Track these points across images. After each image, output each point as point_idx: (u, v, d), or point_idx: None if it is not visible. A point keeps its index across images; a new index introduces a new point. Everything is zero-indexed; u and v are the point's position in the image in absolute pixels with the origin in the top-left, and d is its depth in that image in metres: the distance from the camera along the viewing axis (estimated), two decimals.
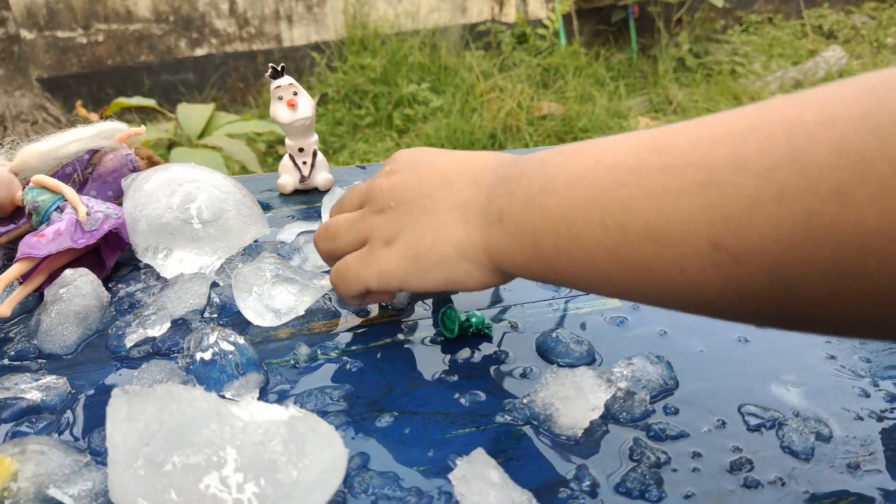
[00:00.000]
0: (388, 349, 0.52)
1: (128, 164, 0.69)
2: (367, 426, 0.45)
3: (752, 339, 0.52)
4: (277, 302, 0.52)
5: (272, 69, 0.72)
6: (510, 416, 0.45)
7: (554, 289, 0.59)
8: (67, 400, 0.47)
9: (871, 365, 0.50)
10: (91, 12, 3.35)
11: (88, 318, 0.52)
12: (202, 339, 0.47)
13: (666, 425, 0.44)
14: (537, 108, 3.47)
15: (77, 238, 0.57)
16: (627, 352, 0.51)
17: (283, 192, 0.76)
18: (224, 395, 0.46)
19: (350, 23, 3.86)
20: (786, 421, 0.44)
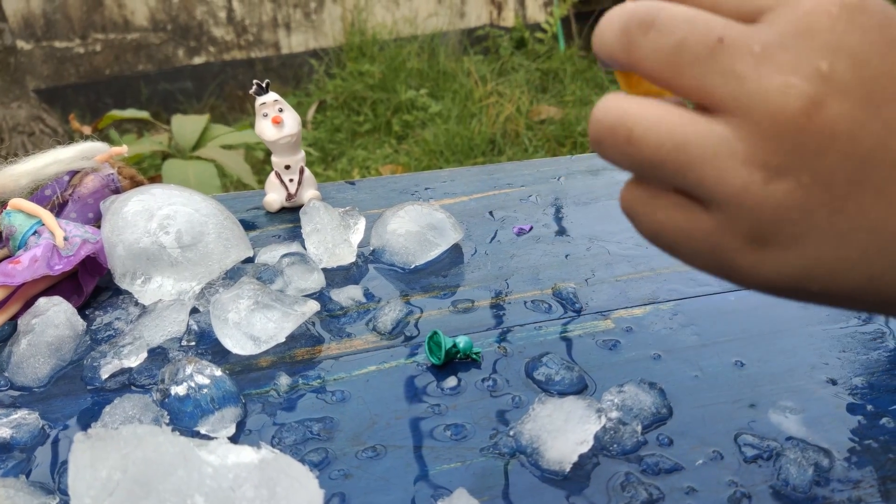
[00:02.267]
0: (373, 377, 0.50)
1: (109, 184, 0.68)
2: (347, 461, 0.43)
3: (748, 362, 0.50)
4: (257, 330, 0.50)
5: (256, 85, 0.71)
6: (497, 449, 0.43)
7: (544, 310, 0.57)
8: (39, 436, 0.46)
9: (873, 389, 0.48)
10: (88, 22, 3.35)
11: (62, 349, 0.51)
12: (177, 371, 0.46)
13: (659, 458, 0.43)
14: (536, 112, 3.45)
15: (54, 264, 0.56)
16: (620, 377, 0.49)
17: (269, 210, 0.75)
18: (199, 431, 0.44)
19: (348, 29, 3.85)
20: (783, 451, 0.43)
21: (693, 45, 0.24)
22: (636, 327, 0.55)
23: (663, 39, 0.25)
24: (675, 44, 0.24)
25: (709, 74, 0.24)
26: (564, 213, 0.74)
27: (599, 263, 0.64)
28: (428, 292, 0.60)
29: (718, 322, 0.55)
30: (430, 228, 0.64)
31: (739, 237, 0.24)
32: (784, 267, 0.25)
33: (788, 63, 0.23)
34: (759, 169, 0.23)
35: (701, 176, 0.24)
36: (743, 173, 0.23)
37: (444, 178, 0.83)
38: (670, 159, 0.24)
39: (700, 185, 0.24)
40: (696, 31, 0.24)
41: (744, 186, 0.23)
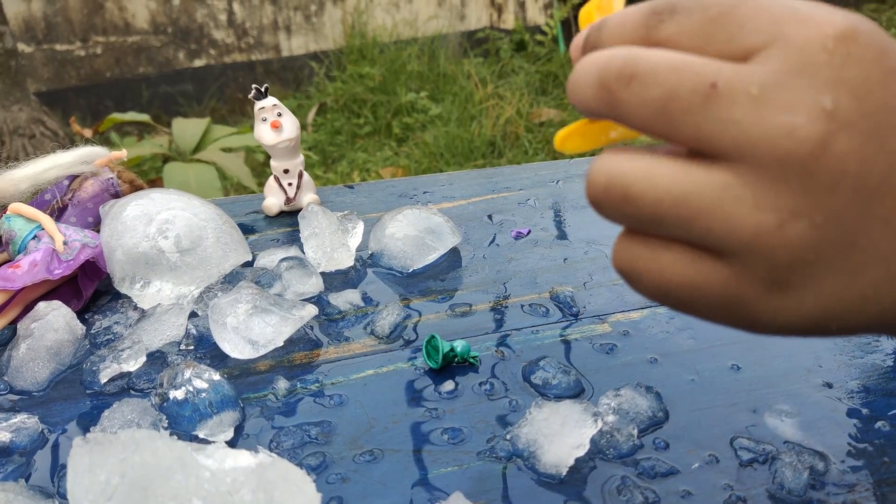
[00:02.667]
0: (370, 381, 0.50)
1: (109, 188, 0.68)
2: (345, 465, 0.43)
3: (744, 366, 0.51)
4: (255, 334, 0.50)
5: (255, 90, 0.71)
6: (493, 453, 0.44)
7: (542, 314, 0.58)
8: (38, 440, 0.46)
9: (868, 392, 0.48)
10: (89, 25, 3.35)
11: (61, 353, 0.51)
12: (176, 375, 0.46)
13: (655, 461, 0.43)
14: (536, 114, 3.45)
15: (53, 269, 0.56)
16: (616, 381, 0.49)
17: (268, 214, 0.75)
18: (197, 435, 0.44)
19: (348, 32, 3.85)
20: (779, 455, 0.43)
21: (684, 95, 0.23)
22: (633, 331, 0.55)
23: (649, 91, 0.23)
24: (664, 95, 0.23)
25: (705, 123, 0.23)
26: (562, 217, 0.74)
27: (597, 267, 0.64)
28: (426, 296, 0.61)
29: (715, 326, 0.55)
30: (429, 232, 0.64)
31: (757, 284, 0.24)
32: (804, 309, 0.24)
33: (790, 103, 0.22)
34: (771, 213, 0.22)
35: (708, 226, 0.23)
36: (754, 218, 0.23)
37: (443, 182, 0.84)
38: (672, 214, 0.23)
39: (708, 236, 0.23)
40: (685, 78, 0.23)
41: (756, 232, 0.23)
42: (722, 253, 0.23)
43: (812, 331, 0.25)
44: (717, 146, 0.23)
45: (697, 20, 0.24)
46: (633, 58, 0.24)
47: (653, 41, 0.25)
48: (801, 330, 0.25)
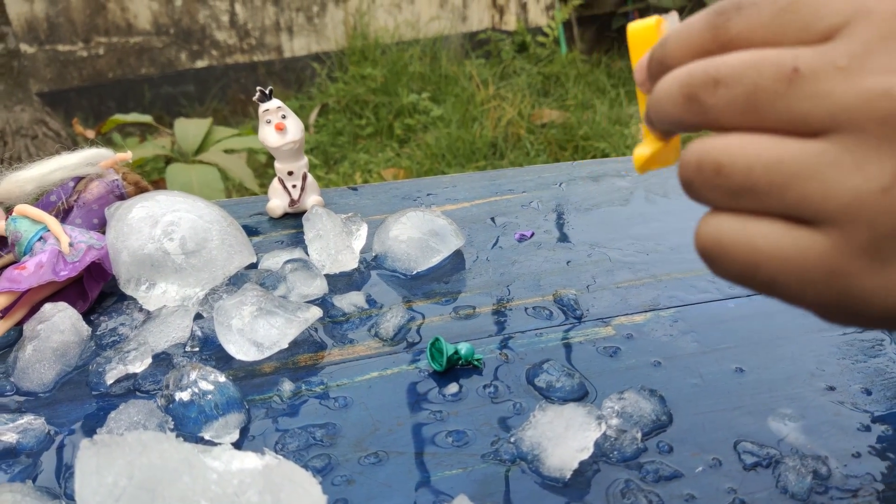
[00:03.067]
0: (375, 383, 0.51)
1: (114, 190, 0.68)
2: (350, 468, 0.43)
3: (747, 370, 0.51)
4: (260, 336, 0.51)
5: (260, 92, 0.71)
6: (498, 456, 0.44)
7: (545, 317, 0.58)
8: (45, 441, 0.46)
9: (872, 396, 0.49)
10: (91, 26, 3.36)
11: (67, 355, 0.51)
12: (181, 377, 0.46)
13: (659, 465, 0.43)
14: (538, 116, 3.46)
15: (59, 270, 0.56)
16: (620, 384, 0.50)
17: (272, 215, 0.75)
18: (203, 437, 0.44)
19: (350, 33, 3.86)
20: (782, 459, 0.43)
21: (768, 85, 0.23)
22: (637, 334, 0.55)
23: (734, 90, 0.24)
24: (748, 90, 0.24)
25: (795, 103, 0.23)
26: (566, 220, 0.74)
27: (600, 270, 0.65)
28: (430, 298, 0.61)
29: (718, 329, 0.55)
30: (432, 235, 0.65)
31: (859, 255, 0.22)
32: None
33: (883, 65, 0.22)
34: (874, 175, 0.21)
35: (803, 192, 0.22)
36: (854, 181, 0.21)
37: (447, 184, 0.84)
38: (764, 181, 0.23)
39: (803, 203, 0.22)
40: (765, 70, 0.23)
41: (856, 195, 0.21)
42: (818, 222, 0.22)
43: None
44: (811, 123, 0.22)
45: (767, 13, 0.24)
46: (713, 65, 0.25)
47: (722, 42, 0.25)
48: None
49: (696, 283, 0.62)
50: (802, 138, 0.23)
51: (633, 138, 3.26)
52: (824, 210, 0.22)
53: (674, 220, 0.72)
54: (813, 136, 0.23)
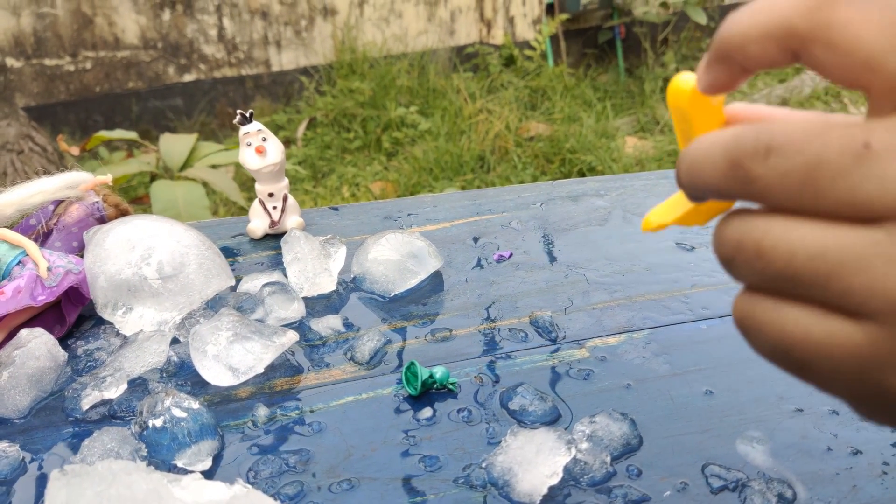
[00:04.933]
0: (350, 408, 0.51)
1: (94, 212, 0.68)
2: (322, 495, 0.44)
3: (717, 392, 0.52)
4: (236, 361, 0.51)
5: (240, 115, 0.72)
6: (469, 481, 0.44)
7: (521, 339, 0.58)
8: (19, 469, 0.46)
9: (839, 418, 0.49)
10: (79, 40, 3.36)
11: (43, 381, 0.51)
12: (155, 404, 0.46)
13: (628, 489, 0.44)
14: (525, 129, 3.48)
15: (37, 295, 0.56)
16: (593, 407, 0.50)
17: (253, 237, 0.76)
18: (176, 464, 0.45)
19: (338, 47, 3.87)
20: (749, 482, 0.44)
21: (833, 158, 0.21)
22: (610, 356, 0.56)
23: (791, 161, 0.21)
24: (809, 162, 0.21)
25: (861, 184, 0.20)
26: (544, 240, 0.75)
27: (577, 291, 0.65)
28: (408, 321, 0.61)
29: (691, 351, 0.56)
30: (410, 257, 0.65)
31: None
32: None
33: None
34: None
35: (848, 286, 0.21)
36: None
37: (428, 204, 0.85)
38: (807, 271, 0.21)
39: (846, 296, 0.21)
40: (831, 142, 0.21)
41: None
42: (859, 315, 0.21)
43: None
44: (875, 207, 0.20)
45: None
46: (767, 132, 0.22)
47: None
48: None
49: (670, 304, 0.62)
50: (854, 225, 0.21)
51: (618, 151, 3.29)
52: (867, 305, 0.21)
53: (650, 240, 0.73)
54: (869, 222, 0.21)
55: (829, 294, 0.21)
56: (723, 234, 0.24)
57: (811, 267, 0.21)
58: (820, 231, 0.21)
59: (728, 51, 0.24)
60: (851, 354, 0.21)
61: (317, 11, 3.82)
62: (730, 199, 0.24)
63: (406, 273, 0.65)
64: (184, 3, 3.51)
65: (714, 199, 0.25)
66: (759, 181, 0.22)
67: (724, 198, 0.24)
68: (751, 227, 0.23)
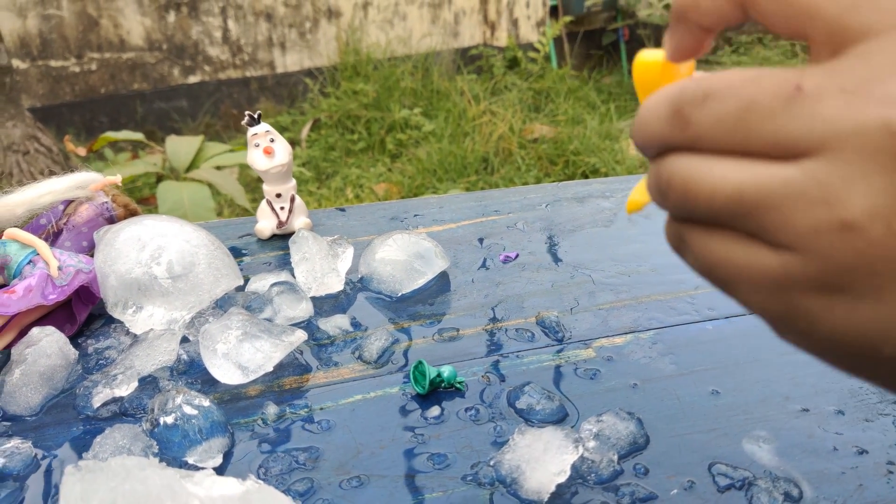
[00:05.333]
0: (358, 406, 0.51)
1: (103, 212, 0.69)
2: (332, 491, 0.44)
3: (723, 392, 0.52)
4: (245, 360, 0.51)
5: (249, 117, 0.73)
6: (477, 479, 0.45)
7: (528, 339, 0.59)
8: (32, 465, 0.47)
9: (845, 418, 0.50)
10: (84, 41, 3.37)
11: (54, 378, 0.52)
12: (167, 401, 0.47)
13: (635, 487, 0.44)
14: (529, 131, 3.48)
15: (48, 294, 0.57)
16: (600, 406, 0.51)
17: (260, 237, 0.76)
18: (187, 461, 0.45)
19: (343, 49, 3.88)
20: (755, 481, 0.44)
21: (764, 101, 0.22)
22: (616, 356, 0.56)
23: (726, 105, 0.22)
24: (742, 105, 0.22)
25: (788, 124, 0.21)
26: (550, 241, 0.76)
27: (583, 292, 0.66)
28: (415, 320, 0.62)
29: (696, 351, 0.56)
30: (417, 257, 0.66)
31: (807, 281, 0.22)
32: (856, 319, 0.21)
33: (890, 96, 0.20)
34: (840, 210, 0.20)
35: (763, 222, 0.22)
36: (816, 215, 0.21)
37: (433, 205, 0.85)
38: (727, 208, 0.23)
39: (762, 230, 0.22)
40: (765, 86, 0.22)
41: (815, 229, 0.21)
42: (774, 244, 0.22)
43: (859, 349, 0.22)
44: (799, 145, 0.21)
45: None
46: (708, 79, 0.23)
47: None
48: (846, 343, 0.22)
49: (676, 304, 0.63)
50: (775, 163, 0.22)
51: (622, 153, 3.29)
52: (780, 238, 0.22)
53: (655, 241, 0.74)
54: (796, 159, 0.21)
55: (748, 227, 0.22)
56: (657, 171, 0.25)
57: (730, 205, 0.22)
58: (741, 170, 0.22)
59: (684, 9, 0.26)
60: (767, 278, 0.22)
61: (321, 13, 3.83)
62: (673, 148, 0.25)
63: (413, 273, 0.65)
64: (189, 5, 3.52)
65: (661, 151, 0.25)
66: (695, 125, 0.23)
67: (668, 148, 0.25)
68: (681, 165, 0.24)
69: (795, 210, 0.21)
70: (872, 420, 0.49)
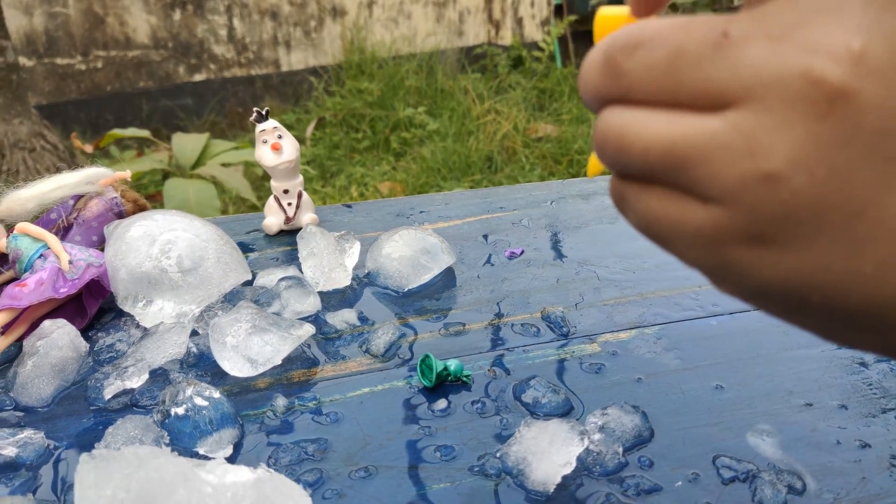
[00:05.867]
0: (366, 399, 0.52)
1: (113, 207, 0.70)
2: (341, 481, 0.45)
3: (727, 386, 0.52)
4: (254, 352, 0.52)
5: (257, 113, 0.73)
6: (484, 470, 0.45)
7: (533, 334, 0.59)
8: (44, 455, 0.47)
9: (848, 412, 0.50)
10: (90, 39, 3.38)
11: (65, 370, 0.53)
12: (177, 393, 0.47)
13: (640, 479, 0.44)
14: (533, 130, 3.48)
15: (59, 287, 0.58)
16: (604, 400, 0.51)
17: (268, 232, 0.77)
18: (198, 451, 0.46)
19: (347, 47, 3.89)
20: (759, 473, 0.44)
21: (693, 48, 0.22)
22: (621, 351, 0.57)
23: (655, 53, 0.22)
24: (670, 52, 0.22)
25: (714, 72, 0.21)
26: (555, 238, 0.76)
27: (588, 288, 0.66)
28: (421, 315, 0.62)
29: (700, 346, 0.57)
30: (424, 253, 0.66)
31: (735, 231, 0.22)
32: (784, 269, 0.22)
33: (813, 42, 0.20)
34: (763, 160, 0.20)
35: (693, 175, 0.22)
36: (741, 166, 0.21)
37: (439, 202, 0.86)
38: (659, 162, 0.23)
39: (693, 184, 0.22)
40: (693, 33, 0.22)
41: (741, 182, 0.21)
42: (705, 198, 0.22)
43: (788, 297, 0.23)
44: (726, 93, 0.21)
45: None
46: (639, 28, 0.23)
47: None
48: (778, 293, 0.23)
49: (681, 300, 0.63)
50: (705, 113, 0.22)
51: None
52: (710, 191, 0.22)
53: None
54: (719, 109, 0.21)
55: (680, 181, 0.23)
56: (597, 126, 0.25)
57: (662, 159, 0.23)
58: (672, 123, 0.22)
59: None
60: (699, 231, 0.23)
61: (326, 12, 3.84)
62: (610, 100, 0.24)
63: (419, 268, 0.66)
64: (194, 4, 3.53)
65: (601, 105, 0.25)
66: (627, 75, 0.23)
67: (606, 101, 0.24)
68: (616, 120, 0.24)
69: (722, 163, 0.21)
70: (875, 415, 0.50)
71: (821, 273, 0.21)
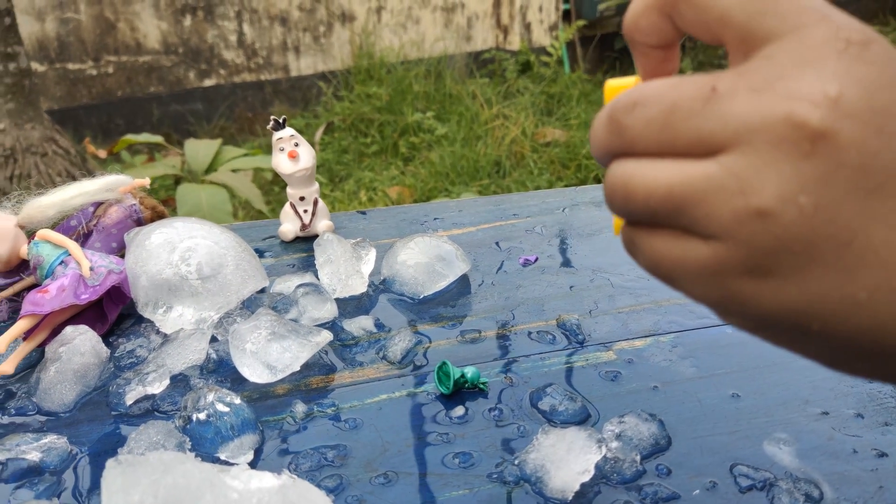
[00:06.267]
0: (385, 405, 0.52)
1: (132, 214, 0.70)
2: (361, 487, 0.45)
3: (744, 395, 0.53)
4: (273, 359, 0.53)
5: (274, 121, 0.74)
6: (502, 477, 0.46)
7: (548, 342, 0.60)
8: (67, 460, 0.48)
9: (864, 421, 0.50)
10: (101, 45, 3.41)
11: (87, 376, 0.53)
12: (199, 398, 0.48)
13: (658, 487, 0.45)
14: (541, 135, 3.49)
15: (80, 293, 0.58)
16: (621, 408, 0.51)
17: (284, 239, 0.78)
18: (219, 457, 0.46)
19: (356, 52, 3.90)
20: (776, 482, 0.45)
21: (685, 103, 0.24)
22: (637, 359, 0.57)
23: (652, 110, 0.25)
24: (665, 108, 0.24)
25: (705, 122, 0.24)
26: (569, 245, 0.76)
27: (602, 295, 0.66)
28: (436, 322, 0.63)
29: (716, 355, 0.57)
30: (439, 260, 0.67)
31: (735, 266, 0.24)
32: (783, 298, 0.23)
33: (793, 91, 0.22)
34: (754, 198, 0.22)
35: (693, 216, 0.24)
36: (735, 204, 0.23)
37: (453, 209, 0.86)
38: (662, 206, 0.25)
39: (693, 224, 0.24)
40: (685, 90, 0.24)
41: (736, 219, 0.23)
42: (705, 236, 0.24)
43: (790, 326, 0.24)
44: (716, 140, 0.23)
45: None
46: (638, 89, 0.26)
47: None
48: (780, 322, 0.24)
49: (695, 308, 0.64)
50: (700, 159, 0.24)
51: None
52: (708, 229, 0.24)
53: None
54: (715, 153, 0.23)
55: (682, 222, 0.25)
56: (605, 178, 0.27)
57: (663, 202, 0.25)
58: (670, 169, 0.24)
59: (629, 33, 0.29)
60: (702, 267, 0.25)
61: (335, 17, 3.86)
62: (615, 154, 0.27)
63: (435, 275, 0.66)
64: (204, 10, 3.55)
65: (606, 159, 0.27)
66: (629, 130, 0.26)
67: (612, 155, 0.27)
68: (621, 170, 0.26)
69: (717, 202, 0.23)
70: (891, 424, 0.50)
71: (818, 301, 0.23)
